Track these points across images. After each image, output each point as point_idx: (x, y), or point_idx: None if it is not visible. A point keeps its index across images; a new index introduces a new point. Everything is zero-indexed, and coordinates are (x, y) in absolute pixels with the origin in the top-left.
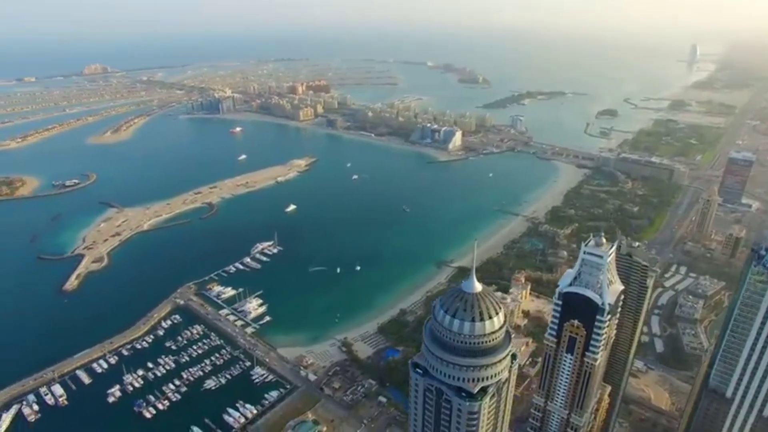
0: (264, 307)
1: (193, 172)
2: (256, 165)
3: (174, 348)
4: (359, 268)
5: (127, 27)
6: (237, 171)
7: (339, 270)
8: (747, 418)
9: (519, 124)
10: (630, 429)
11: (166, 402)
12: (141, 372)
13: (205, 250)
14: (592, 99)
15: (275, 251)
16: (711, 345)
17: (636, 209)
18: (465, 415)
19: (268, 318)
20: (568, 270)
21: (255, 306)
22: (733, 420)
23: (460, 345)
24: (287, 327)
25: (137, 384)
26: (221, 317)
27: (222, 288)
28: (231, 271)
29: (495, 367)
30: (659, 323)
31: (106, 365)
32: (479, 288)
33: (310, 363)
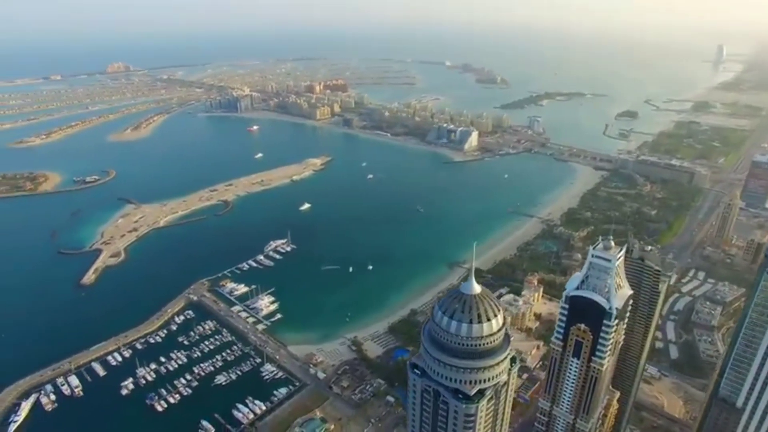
0: (276, 305)
1: (210, 169)
2: (272, 163)
3: (186, 343)
4: (371, 267)
5: (150, 26)
6: (253, 169)
7: (351, 269)
8: (758, 429)
9: (536, 125)
10: None
11: (177, 396)
12: (154, 366)
13: (219, 247)
14: (611, 100)
15: (288, 249)
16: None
17: (654, 213)
18: (462, 417)
19: (279, 315)
20: (575, 273)
21: (267, 303)
22: (744, 431)
23: (457, 347)
24: (298, 325)
25: (150, 377)
26: (233, 314)
27: (235, 285)
28: (244, 269)
29: (493, 370)
30: (675, 329)
31: (120, 358)
32: (478, 289)
33: (319, 361)
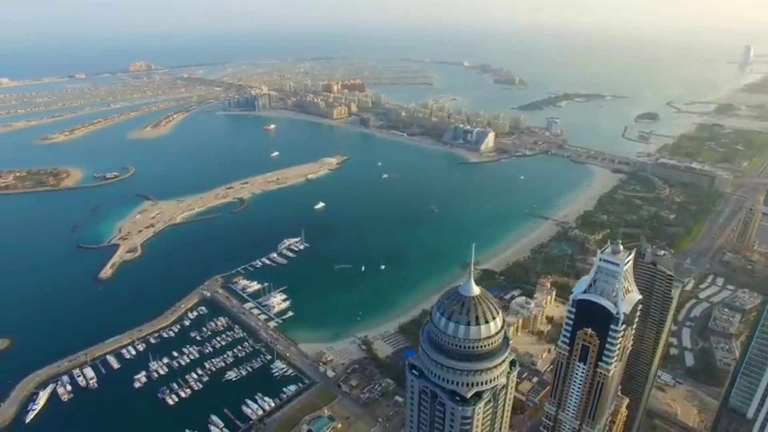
0: (287, 302)
1: (227, 167)
2: (288, 162)
3: (198, 338)
4: (384, 267)
5: (171, 26)
6: (269, 167)
7: (363, 268)
8: None
9: (554, 126)
10: None
11: (188, 390)
12: (166, 360)
13: (234, 244)
14: (632, 102)
15: (302, 247)
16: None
17: (672, 217)
18: (458, 420)
19: (291, 313)
20: (583, 277)
21: (279, 301)
22: None
23: (454, 348)
24: (309, 323)
25: (162, 371)
26: (245, 310)
27: (248, 282)
28: (257, 266)
29: (491, 373)
30: (691, 336)
31: (134, 352)
32: (477, 291)
33: (329, 359)
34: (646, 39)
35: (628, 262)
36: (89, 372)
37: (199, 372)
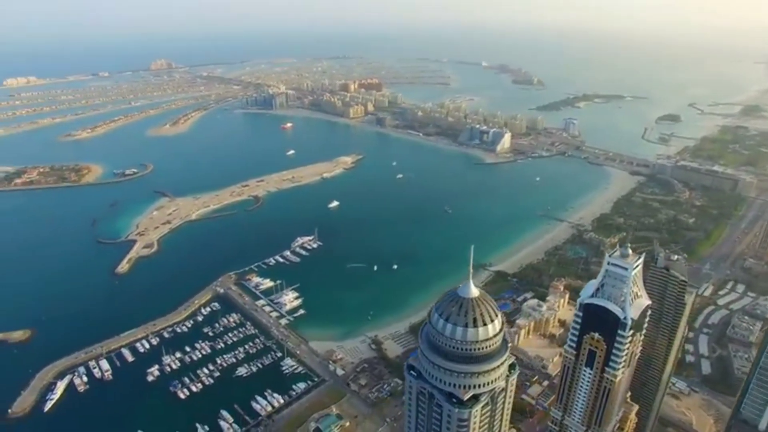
0: (299, 300)
1: (243, 165)
2: (303, 160)
3: (211, 334)
4: (396, 266)
5: (193, 25)
6: (285, 166)
7: (376, 268)
8: None
9: (572, 127)
10: None
11: (199, 385)
12: (179, 355)
13: (248, 241)
14: (652, 103)
15: (315, 246)
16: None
17: (692, 221)
18: (455, 422)
19: (302, 311)
20: (591, 280)
21: (291, 298)
22: None
23: (452, 350)
24: (320, 321)
25: (174, 366)
26: (258, 307)
27: (260, 279)
28: (271, 263)
29: (488, 375)
30: (708, 343)
31: (148, 345)
32: (476, 293)
33: (339, 358)
34: (669, 39)
35: (637, 266)
36: (105, 364)
37: (211, 367)
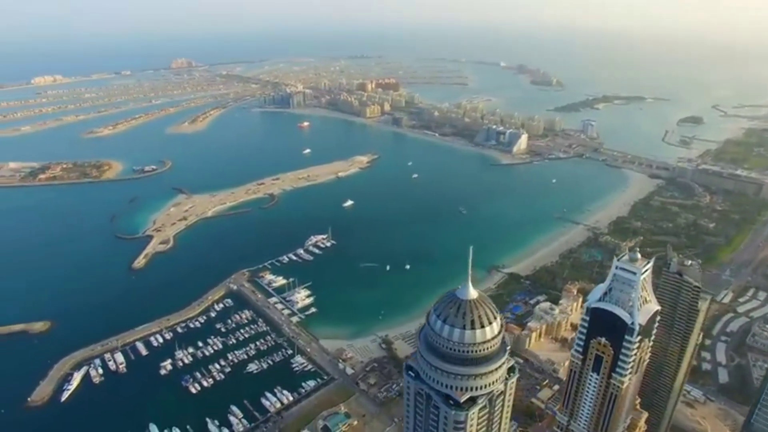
0: (311, 299)
1: (259, 163)
2: (319, 159)
3: (223, 330)
4: (409, 266)
5: (214, 24)
6: (300, 164)
7: (388, 267)
8: None
9: (590, 129)
10: None
11: (210, 380)
12: (191, 350)
13: (262, 239)
14: (674, 105)
15: (328, 245)
16: None
17: (712, 225)
18: (451, 424)
19: (314, 309)
20: (599, 284)
21: (303, 296)
22: None
23: (449, 352)
24: (331, 319)
25: (187, 360)
26: (270, 305)
27: (273, 277)
28: (284, 261)
29: (486, 378)
30: (726, 351)
31: (161, 340)
32: (474, 295)
33: (349, 357)
34: (695, 39)
35: (646, 270)
36: (119, 357)
37: (222, 363)
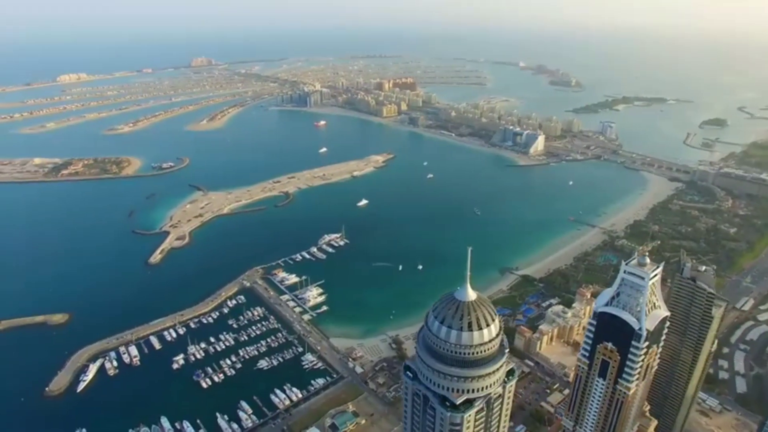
0: (323, 297)
1: (275, 161)
2: (335, 158)
3: (235, 326)
4: (421, 267)
5: (235, 22)
6: (316, 163)
7: (401, 267)
8: None
9: (609, 130)
10: None
11: (221, 375)
12: (203, 345)
13: (276, 236)
14: (697, 106)
15: (341, 243)
16: None
17: (734, 231)
18: (447, 426)
19: (325, 307)
20: (606, 289)
21: (315, 295)
22: None
23: (446, 353)
24: (342, 318)
25: (199, 355)
26: (282, 302)
27: (286, 274)
28: (297, 259)
29: (483, 380)
30: (745, 360)
31: (174, 335)
32: (473, 296)
33: (359, 356)
34: (723, 38)
35: (655, 275)
36: (133, 350)
37: (233, 359)
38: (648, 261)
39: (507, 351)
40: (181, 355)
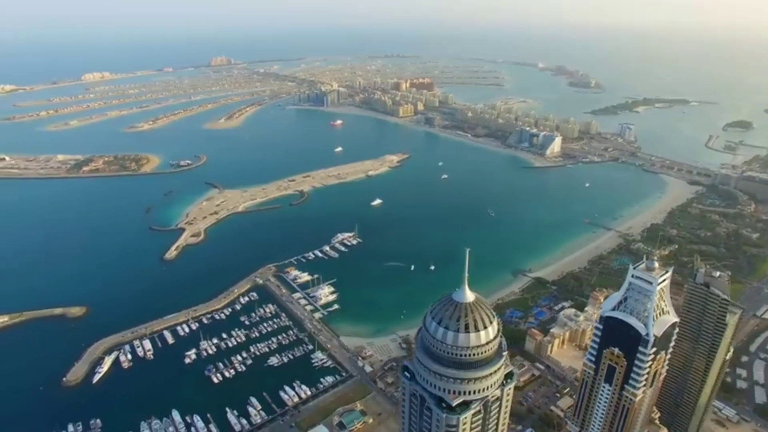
0: (334, 296)
1: (291, 160)
2: (350, 158)
3: (247, 323)
4: (433, 267)
5: (254, 22)
6: (332, 162)
7: (413, 267)
8: None
9: (628, 132)
10: None
11: (232, 371)
12: (215, 341)
13: (290, 235)
14: (721, 108)
15: (354, 243)
16: None
17: (756, 236)
18: (443, 427)
19: (336, 306)
20: (614, 293)
21: (326, 293)
22: None
23: (443, 354)
24: (353, 317)
25: (210, 351)
26: (293, 300)
27: (299, 272)
28: (310, 258)
29: (480, 383)
30: (765, 370)
31: (187, 330)
32: (471, 298)
33: (368, 355)
34: (750, 36)
35: (663, 280)
36: (147, 344)
37: (244, 355)
38: (657, 265)
39: (506, 353)
40: (194, 350)
